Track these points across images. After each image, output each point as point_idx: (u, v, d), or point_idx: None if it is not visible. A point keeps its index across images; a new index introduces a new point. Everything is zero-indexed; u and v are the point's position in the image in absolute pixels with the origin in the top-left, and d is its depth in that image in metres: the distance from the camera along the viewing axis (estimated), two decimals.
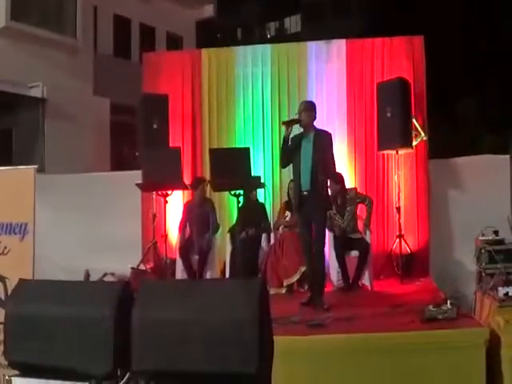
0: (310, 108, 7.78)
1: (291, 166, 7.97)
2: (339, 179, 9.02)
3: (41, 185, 6.72)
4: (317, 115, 7.83)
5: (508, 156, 9.31)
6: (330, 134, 7.78)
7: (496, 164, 10.01)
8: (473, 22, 26.39)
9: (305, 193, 7.61)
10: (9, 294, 5.79)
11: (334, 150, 7.87)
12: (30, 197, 6.36)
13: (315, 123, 7.80)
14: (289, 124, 7.63)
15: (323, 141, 7.63)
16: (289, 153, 7.72)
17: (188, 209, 9.95)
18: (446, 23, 25.71)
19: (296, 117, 7.76)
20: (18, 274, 3.82)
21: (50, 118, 16.51)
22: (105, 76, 18.48)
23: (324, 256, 7.96)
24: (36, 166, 6.62)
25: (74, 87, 16.76)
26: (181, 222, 9.95)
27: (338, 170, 8.34)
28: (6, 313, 3.20)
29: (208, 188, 9.61)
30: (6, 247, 6.33)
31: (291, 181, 9.48)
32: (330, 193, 8.12)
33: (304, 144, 7.66)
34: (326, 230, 8.11)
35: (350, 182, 10.32)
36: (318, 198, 7.59)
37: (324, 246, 7.87)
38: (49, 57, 16.32)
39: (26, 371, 3.13)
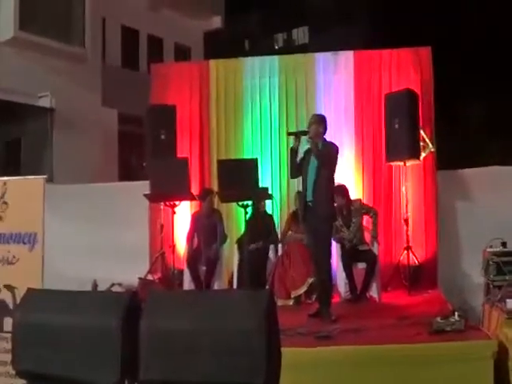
0: (319, 121, 7.81)
1: (298, 181, 8.03)
2: (343, 191, 9.03)
3: (49, 195, 6.74)
4: (326, 128, 7.85)
5: None
6: (336, 147, 7.78)
7: (504, 175, 10.00)
8: (480, 31, 26.38)
9: (309, 204, 7.63)
10: (17, 303, 5.79)
11: (341, 161, 7.88)
12: (39, 207, 6.37)
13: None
14: (296, 135, 7.66)
15: (328, 153, 7.65)
16: (299, 164, 7.74)
17: (196, 219, 9.95)
18: (453, 33, 25.72)
19: (305, 129, 7.79)
20: (27, 284, 3.82)
21: (58, 128, 16.56)
22: (113, 87, 18.53)
23: (330, 267, 7.94)
24: (45, 176, 6.64)
25: (83, 97, 16.83)
26: (189, 233, 9.95)
27: (343, 181, 8.33)
28: (14, 322, 3.21)
29: (216, 199, 9.63)
30: (14, 256, 6.34)
31: (297, 192, 9.53)
32: (335, 204, 8.14)
33: (310, 156, 7.69)
34: (333, 242, 8.12)
35: (357, 194, 10.32)
36: (321, 208, 7.62)
37: (328, 257, 7.85)
38: (57, 67, 16.37)
39: (34, 380, 3.13)
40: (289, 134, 7.85)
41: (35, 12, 16.27)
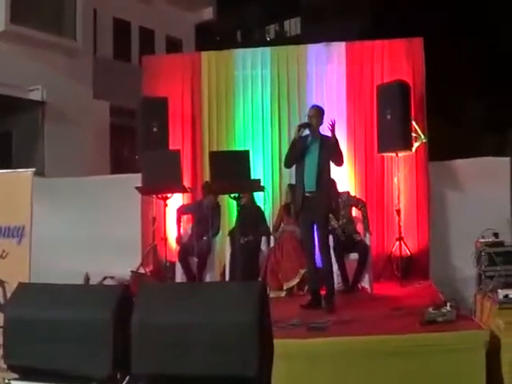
0: (320, 113, 7.92)
1: (291, 168, 8.06)
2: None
3: (41, 188, 6.73)
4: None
5: (508, 158, 9.30)
6: (336, 140, 7.81)
7: (496, 166, 10.00)
8: (472, 22, 26.39)
9: (308, 194, 7.65)
10: (8, 298, 5.78)
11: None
12: (27, 200, 6.35)
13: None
14: (303, 127, 7.71)
15: (330, 145, 7.69)
16: (297, 154, 7.77)
17: (196, 209, 9.86)
18: (445, 24, 25.73)
19: (306, 121, 7.86)
20: (17, 278, 3.81)
21: (49, 121, 16.51)
22: (104, 79, 18.46)
23: (330, 256, 7.99)
24: (34, 170, 6.61)
25: (74, 90, 16.78)
26: (178, 218, 9.91)
27: (335, 172, 8.35)
28: (6, 317, 3.20)
29: None
30: (4, 250, 6.31)
31: (289, 185, 9.55)
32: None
33: (311, 147, 7.75)
34: None
35: (349, 184, 10.36)
36: (323, 200, 7.67)
37: (328, 247, 7.93)
38: (48, 60, 16.32)
39: (26, 375, 3.12)
40: (300, 126, 7.85)
41: (26, 5, 16.20)
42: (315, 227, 7.78)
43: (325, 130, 7.85)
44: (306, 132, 7.81)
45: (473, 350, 5.48)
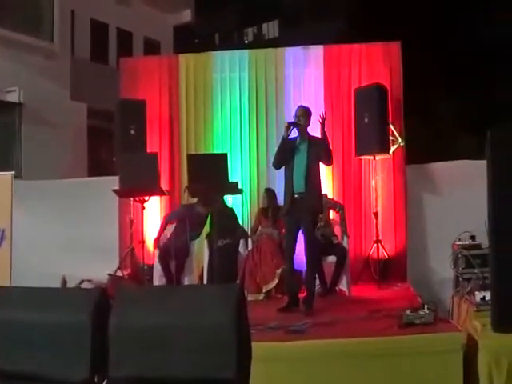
0: (308, 113, 7.92)
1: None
2: None
3: (18, 191, 6.69)
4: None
5: (484, 161, 9.35)
6: (326, 137, 7.84)
7: (473, 169, 10.01)
8: (449, 26, 26.52)
9: (296, 195, 7.66)
10: None
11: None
12: (7, 203, 6.33)
13: None
14: (291, 126, 7.71)
15: (319, 146, 7.73)
16: (286, 155, 7.77)
17: (186, 214, 9.78)
18: (422, 28, 25.83)
19: (295, 121, 7.84)
20: None
21: (26, 123, 16.43)
22: (82, 81, 18.43)
23: (317, 259, 8.02)
24: (13, 173, 6.58)
25: (51, 92, 16.71)
26: (165, 218, 9.86)
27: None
28: None
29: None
30: None
31: (266, 190, 9.57)
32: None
33: (300, 148, 7.78)
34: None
35: (327, 187, 10.36)
36: (312, 201, 7.69)
37: (317, 250, 7.94)
38: (26, 61, 16.24)
39: (4, 379, 3.10)
40: (289, 124, 7.83)
41: (3, 6, 16.11)
42: (302, 230, 7.76)
43: (313, 129, 7.90)
44: (295, 133, 7.80)
45: (450, 352, 5.50)
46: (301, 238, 7.82)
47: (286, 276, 8.34)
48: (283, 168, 7.92)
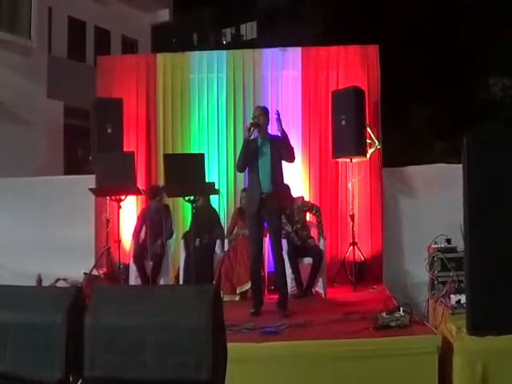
0: (266, 113, 7.88)
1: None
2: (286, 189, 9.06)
3: None
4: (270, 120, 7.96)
5: (460, 165, 9.41)
6: (285, 134, 7.80)
7: (448, 172, 10.10)
8: (425, 30, 26.66)
9: (264, 196, 7.65)
10: None
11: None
12: None
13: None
14: (252, 125, 7.68)
15: (280, 144, 7.72)
16: (250, 157, 7.75)
17: (144, 215, 9.84)
18: (399, 32, 25.95)
19: (255, 120, 7.77)
20: None
21: (2, 120, 16.27)
22: (59, 78, 18.30)
23: (283, 260, 8.02)
24: None
25: (28, 89, 16.59)
26: (135, 228, 9.86)
27: (289, 177, 8.40)
28: None
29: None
30: None
31: (243, 190, 9.55)
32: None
33: (263, 149, 7.75)
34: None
35: (304, 189, 10.39)
36: (278, 201, 7.71)
37: (282, 250, 7.96)
38: (2, 58, 16.09)
39: None
40: (251, 124, 7.78)
41: None
42: (269, 230, 7.79)
43: (274, 131, 7.93)
44: (255, 134, 7.79)
45: (425, 354, 5.53)
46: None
47: (252, 277, 8.20)
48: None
